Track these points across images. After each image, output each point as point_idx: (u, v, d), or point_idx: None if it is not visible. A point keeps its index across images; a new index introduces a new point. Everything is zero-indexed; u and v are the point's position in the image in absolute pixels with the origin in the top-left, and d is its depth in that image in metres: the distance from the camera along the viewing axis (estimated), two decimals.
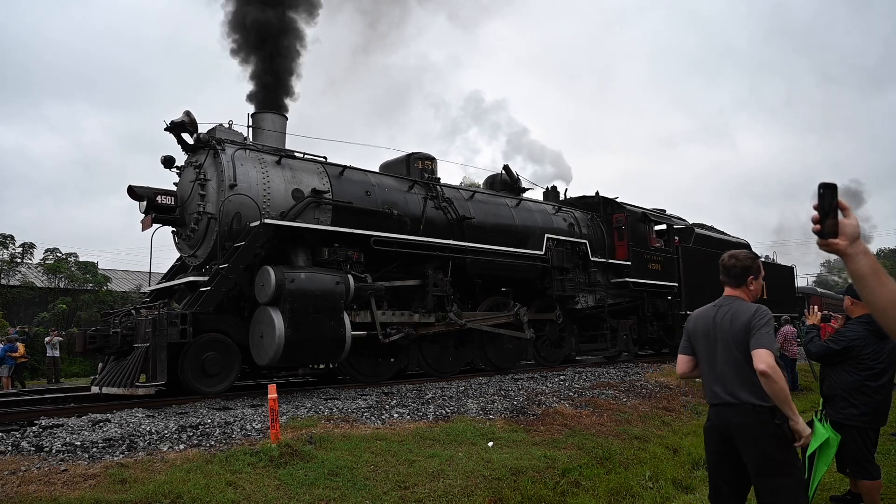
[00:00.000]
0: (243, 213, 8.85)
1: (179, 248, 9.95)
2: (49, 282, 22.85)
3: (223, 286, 8.12)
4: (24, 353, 15.19)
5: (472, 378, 10.76)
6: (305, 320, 8.17)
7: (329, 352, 8.73)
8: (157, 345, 7.46)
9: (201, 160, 9.21)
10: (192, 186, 9.10)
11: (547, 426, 7.57)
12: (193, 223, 9.14)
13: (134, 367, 7.68)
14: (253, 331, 8.33)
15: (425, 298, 10.38)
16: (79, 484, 4.37)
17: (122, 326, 8.28)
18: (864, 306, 4.19)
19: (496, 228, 11.93)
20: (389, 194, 10.55)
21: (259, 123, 10.04)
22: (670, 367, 13.72)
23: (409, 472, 5.39)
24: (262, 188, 9.15)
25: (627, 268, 14.41)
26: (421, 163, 11.57)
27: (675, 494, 5.90)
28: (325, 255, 9.09)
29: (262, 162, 9.38)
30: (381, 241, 9.72)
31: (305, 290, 8.27)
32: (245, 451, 5.30)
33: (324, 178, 9.89)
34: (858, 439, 4.02)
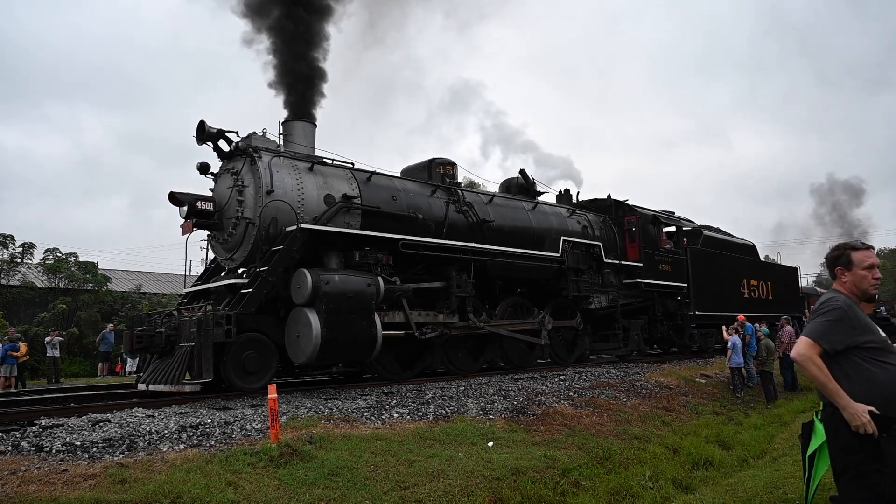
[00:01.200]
0: (279, 218, 9.19)
1: (215, 252, 10.27)
2: (49, 282, 22.84)
3: (263, 288, 8.45)
4: (26, 352, 15.20)
5: (472, 378, 10.76)
6: (340, 320, 8.49)
7: (362, 351, 9.04)
8: (202, 344, 7.81)
9: (238, 167, 9.53)
10: (231, 192, 9.45)
11: (547, 426, 7.57)
12: (231, 227, 9.46)
13: (179, 365, 8.01)
14: (289, 330, 8.62)
15: (449, 299, 10.75)
16: (79, 484, 4.37)
17: (165, 326, 8.64)
18: (866, 307, 4.19)
19: (514, 231, 12.29)
20: (414, 199, 10.92)
21: (290, 131, 10.37)
22: (670, 367, 13.73)
23: (409, 472, 5.39)
24: (297, 194, 9.50)
25: (639, 269, 14.73)
26: (442, 168, 11.93)
27: (675, 494, 5.90)
28: (357, 258, 9.43)
29: (296, 168, 9.73)
30: (409, 245, 10.07)
31: (340, 291, 8.59)
32: (245, 451, 5.30)
33: (353, 184, 10.24)
34: None
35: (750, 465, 7.16)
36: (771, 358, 12.35)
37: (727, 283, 17.97)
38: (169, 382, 8.04)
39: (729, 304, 17.32)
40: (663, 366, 13.88)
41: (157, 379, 8.33)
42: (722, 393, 11.75)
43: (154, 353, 8.84)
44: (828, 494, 4.61)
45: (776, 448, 7.98)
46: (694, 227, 18.15)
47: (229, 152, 9.74)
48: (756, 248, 21.79)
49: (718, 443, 8.15)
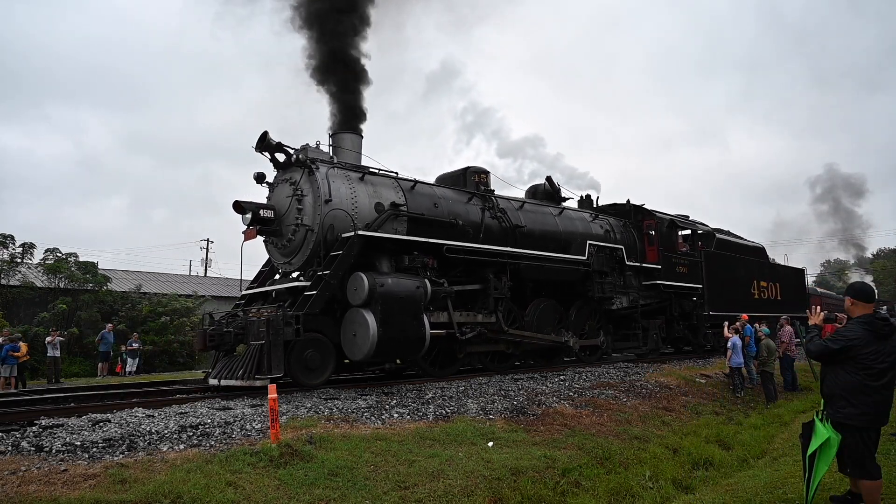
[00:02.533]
0: (336, 226, 9.79)
1: (272, 256, 10.80)
2: (49, 282, 22.79)
3: (326, 290, 9.00)
4: (26, 352, 15.18)
5: (472, 378, 10.77)
6: (393, 320, 9.01)
7: (412, 348, 9.58)
8: (273, 342, 8.31)
9: (296, 177, 10.06)
10: (290, 201, 9.99)
11: (547, 426, 7.57)
12: (290, 234, 10.01)
13: (250, 362, 8.52)
14: (345, 330, 9.11)
15: (487, 300, 11.34)
16: (79, 484, 4.37)
17: (232, 326, 9.24)
18: (865, 307, 4.18)
19: (544, 235, 12.97)
20: (453, 206, 11.58)
21: (339, 142, 11.07)
22: (670, 367, 13.73)
23: (409, 472, 5.39)
24: (351, 202, 10.10)
25: (658, 271, 15.45)
26: (477, 176, 12.58)
27: (675, 494, 5.90)
28: (406, 262, 10.09)
29: (349, 178, 10.35)
30: (452, 249, 10.70)
31: (393, 293, 9.14)
32: (245, 451, 5.30)
33: (399, 192, 10.87)
34: (859, 439, 4.02)
35: (750, 465, 7.15)
36: (771, 358, 12.34)
37: (739, 284, 18.63)
38: (240, 378, 8.56)
39: (740, 305, 17.77)
40: (663, 366, 13.87)
41: (229, 375, 8.87)
42: (722, 393, 11.74)
43: (223, 350, 9.38)
44: (828, 494, 4.61)
45: (776, 448, 7.98)
46: (707, 230, 18.71)
47: (285, 163, 10.30)
48: (765, 250, 22.49)
49: (718, 443, 8.14)
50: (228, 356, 9.27)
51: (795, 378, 13.21)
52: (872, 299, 4.25)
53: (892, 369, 4.02)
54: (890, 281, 59.95)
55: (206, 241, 43.86)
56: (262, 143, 9.93)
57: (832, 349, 4.11)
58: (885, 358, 3.99)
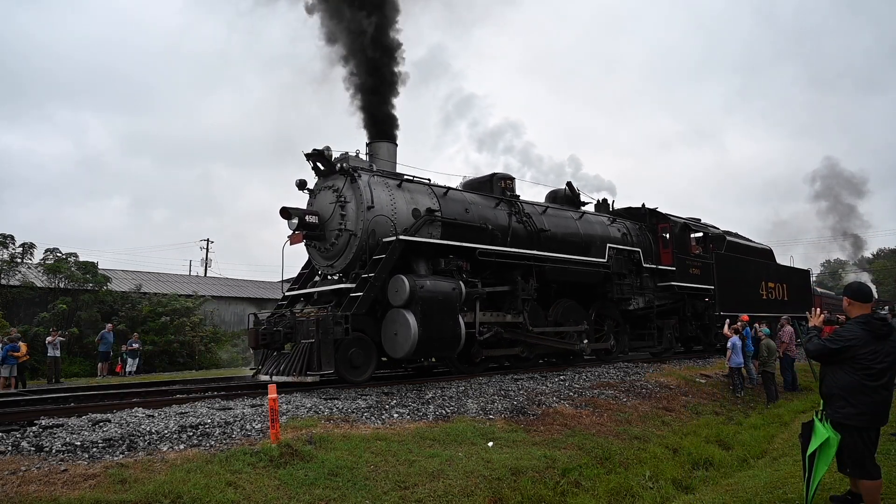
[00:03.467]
0: (377, 231, 10.28)
1: (314, 260, 11.24)
2: (49, 282, 22.79)
3: (371, 292, 9.44)
4: (26, 352, 15.19)
5: (472, 378, 10.78)
6: (432, 320, 9.49)
7: (449, 346, 10.08)
8: (323, 340, 8.84)
9: (339, 185, 10.50)
10: (334, 208, 10.43)
11: (547, 426, 7.57)
12: (334, 238, 10.43)
13: (301, 359, 9.02)
14: (386, 329, 9.54)
15: (515, 301, 11.84)
16: (79, 484, 4.37)
17: (281, 325, 9.71)
18: (862, 307, 4.18)
19: (565, 239, 13.43)
20: (482, 211, 12.03)
21: (375, 151, 11.55)
22: (670, 367, 13.73)
23: (409, 472, 5.39)
24: (391, 209, 10.60)
25: (672, 273, 16.01)
26: (503, 182, 13.04)
27: (675, 494, 5.89)
28: (442, 265, 10.58)
29: (388, 185, 10.84)
30: (484, 253, 11.24)
31: (432, 294, 9.64)
32: (245, 451, 5.30)
33: (433, 198, 11.35)
34: (858, 439, 4.02)
35: (750, 465, 7.15)
36: (772, 358, 12.34)
37: (748, 285, 19.20)
38: (292, 374, 9.06)
39: (750, 305, 18.31)
40: (663, 366, 13.88)
41: (280, 371, 9.36)
42: (722, 393, 11.74)
43: (274, 348, 9.89)
44: (828, 494, 4.61)
45: (776, 448, 7.98)
46: (718, 232, 19.20)
47: (327, 170, 10.78)
48: (773, 252, 23.08)
49: (718, 443, 8.14)
50: (277, 354, 9.83)
51: (795, 378, 13.20)
52: (869, 299, 4.24)
53: (891, 369, 4.02)
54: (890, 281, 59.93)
55: (206, 241, 43.91)
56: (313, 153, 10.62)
57: (830, 349, 4.11)
58: (884, 358, 3.99)
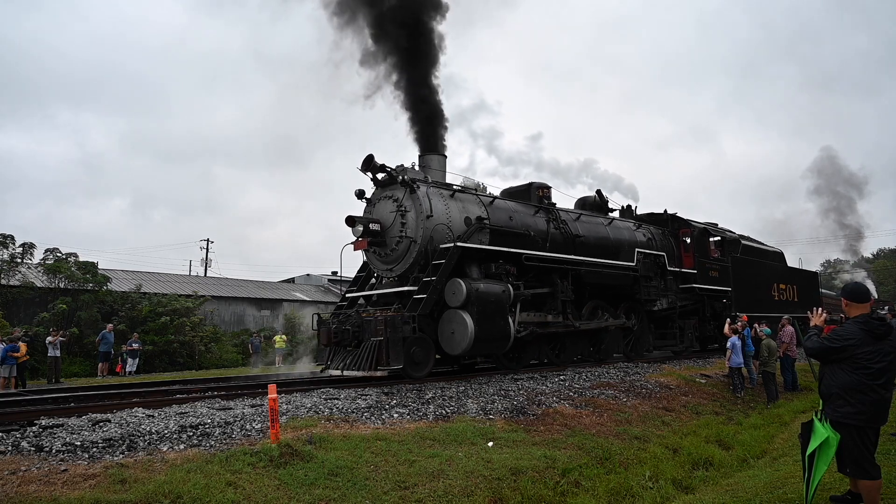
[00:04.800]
0: (435, 238, 11.06)
1: (373, 264, 11.95)
2: (49, 282, 22.78)
3: (434, 294, 10.15)
4: (25, 352, 15.18)
5: (472, 378, 10.78)
6: (486, 320, 10.26)
7: (500, 344, 10.88)
8: (391, 338, 9.62)
9: (398, 195, 11.26)
10: (394, 216, 11.20)
11: (547, 426, 7.57)
12: (394, 244, 11.19)
13: (370, 355, 9.72)
14: (443, 328, 10.30)
15: (555, 302, 12.66)
16: (79, 484, 4.37)
17: (349, 325, 10.47)
18: (859, 307, 4.19)
19: (597, 244, 14.28)
20: (524, 218, 12.86)
21: (427, 163, 12.34)
22: (670, 367, 13.74)
23: (409, 472, 5.39)
24: (447, 217, 11.39)
25: (693, 275, 16.96)
26: (541, 190, 13.92)
27: (675, 494, 5.89)
28: (493, 269, 11.31)
29: (443, 195, 11.64)
30: (530, 258, 12.06)
31: (486, 296, 10.44)
32: (245, 451, 5.29)
33: (482, 207, 12.15)
34: (857, 438, 4.02)
35: (750, 465, 7.15)
36: (772, 358, 12.34)
37: (762, 287, 20.03)
38: (362, 369, 9.77)
39: (763, 306, 19.15)
40: (663, 366, 13.88)
41: (350, 366, 10.06)
42: (722, 393, 11.74)
43: (344, 345, 10.56)
44: (828, 494, 4.61)
45: (776, 448, 7.98)
46: (734, 237, 20.16)
47: (385, 181, 11.55)
48: (784, 255, 24.14)
49: (718, 443, 8.14)
50: (345, 350, 10.56)
51: (796, 378, 13.20)
52: (867, 299, 4.25)
53: (889, 369, 4.03)
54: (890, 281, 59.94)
55: (206, 241, 43.92)
56: (367, 164, 11.31)
57: (827, 348, 4.14)
58: (883, 357, 4.00)
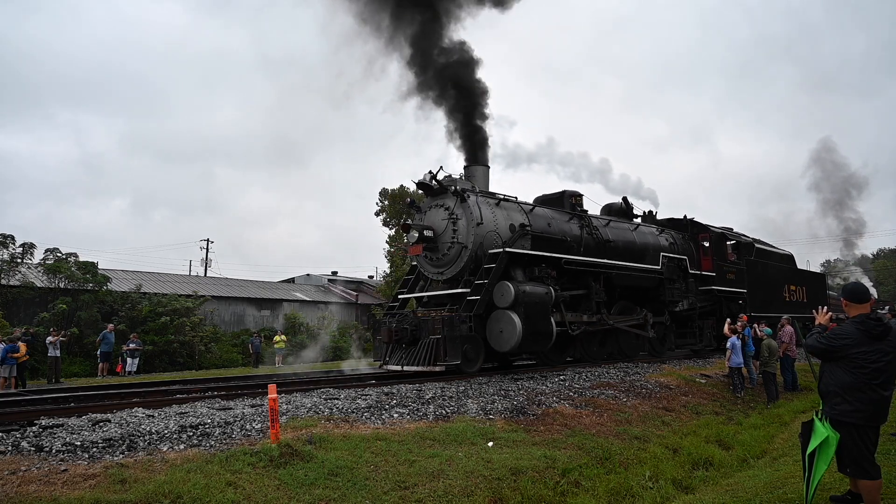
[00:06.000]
0: (484, 243, 11.89)
1: (423, 267, 12.82)
2: (49, 282, 22.79)
3: (486, 296, 10.96)
4: (25, 352, 15.18)
5: (472, 378, 10.78)
6: (532, 320, 11.02)
7: (544, 342, 11.62)
8: (450, 336, 10.57)
9: (449, 204, 12.16)
10: (446, 223, 12.10)
11: (547, 426, 7.57)
12: (446, 250, 12.10)
13: (429, 352, 10.76)
14: (491, 327, 11.03)
15: (590, 302, 13.58)
16: (79, 484, 4.37)
17: (407, 324, 11.33)
18: (858, 307, 4.20)
19: (626, 248, 15.13)
20: (561, 225, 13.72)
21: (472, 173, 13.28)
22: (670, 367, 13.73)
23: (409, 472, 5.39)
24: (494, 224, 12.22)
25: (712, 278, 17.84)
26: (573, 198, 14.79)
27: (675, 494, 5.89)
28: (536, 273, 12.16)
29: (489, 204, 12.47)
30: (569, 262, 12.99)
31: (532, 297, 11.20)
32: (245, 451, 5.29)
33: (523, 215, 12.95)
34: (857, 437, 4.02)
35: (750, 465, 7.15)
36: (773, 358, 12.33)
37: (774, 288, 21.24)
38: (421, 364, 10.80)
39: (775, 306, 20.26)
40: (663, 366, 13.89)
41: (410, 362, 11.03)
42: (722, 393, 11.74)
43: (402, 343, 11.37)
44: (828, 494, 4.61)
45: (776, 448, 7.98)
46: (748, 240, 20.99)
47: (437, 190, 12.35)
48: (794, 258, 25.07)
49: (718, 443, 8.14)
50: (402, 348, 11.39)
51: (796, 378, 13.20)
52: (865, 299, 4.26)
53: (888, 369, 4.03)
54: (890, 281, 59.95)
55: (206, 241, 43.92)
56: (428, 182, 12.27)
57: (824, 347, 4.18)
58: (881, 357, 4.00)
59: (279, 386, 9.39)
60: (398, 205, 44.16)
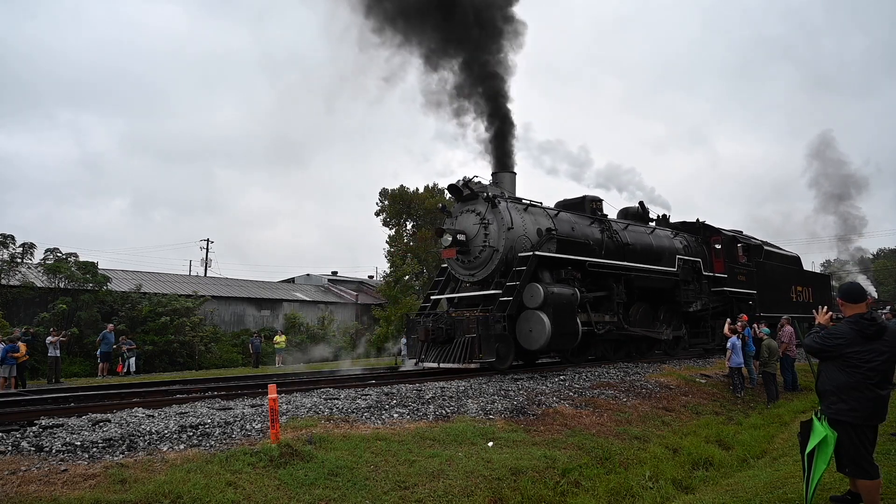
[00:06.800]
0: (514, 247, 12.36)
1: (454, 270, 13.30)
2: (49, 282, 22.79)
3: (518, 297, 11.46)
4: (25, 352, 15.18)
5: (472, 378, 10.78)
6: (559, 320, 11.52)
7: (570, 341, 12.18)
8: (484, 335, 11.12)
9: (480, 209, 12.66)
10: (478, 228, 12.56)
11: (547, 426, 7.57)
12: (477, 253, 12.56)
13: (464, 350, 11.30)
14: (521, 327, 11.54)
15: (611, 304, 14.05)
16: (79, 484, 4.37)
17: (443, 323, 11.87)
18: (854, 307, 4.21)
19: (643, 251, 15.63)
20: (583, 229, 14.24)
21: (500, 179, 13.72)
22: (670, 367, 13.73)
23: (409, 472, 5.39)
24: (523, 229, 12.68)
25: (724, 279, 18.39)
26: (594, 203, 15.38)
27: (675, 494, 5.89)
28: (563, 275, 12.76)
29: (518, 209, 12.95)
30: (593, 265, 13.54)
31: (559, 298, 11.73)
32: (245, 451, 5.29)
33: (549, 220, 13.44)
34: (854, 437, 4.02)
35: (750, 465, 7.15)
36: (773, 359, 12.33)
37: (781, 289, 21.90)
38: (457, 361, 11.34)
39: (783, 306, 20.82)
40: (663, 366, 13.89)
41: (446, 359, 11.58)
42: (722, 393, 11.74)
43: (439, 342, 11.85)
44: (828, 494, 4.61)
45: (776, 448, 7.98)
46: (757, 243, 21.51)
47: (467, 196, 12.89)
48: (800, 259, 25.72)
49: (718, 443, 8.14)
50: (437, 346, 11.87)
51: (795, 378, 13.19)
52: (861, 299, 4.27)
53: (883, 368, 4.03)
54: (890, 281, 59.96)
55: (206, 241, 43.94)
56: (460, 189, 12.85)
57: (820, 346, 4.19)
58: (876, 357, 4.00)
59: (279, 386, 9.39)
60: (398, 205, 44.30)
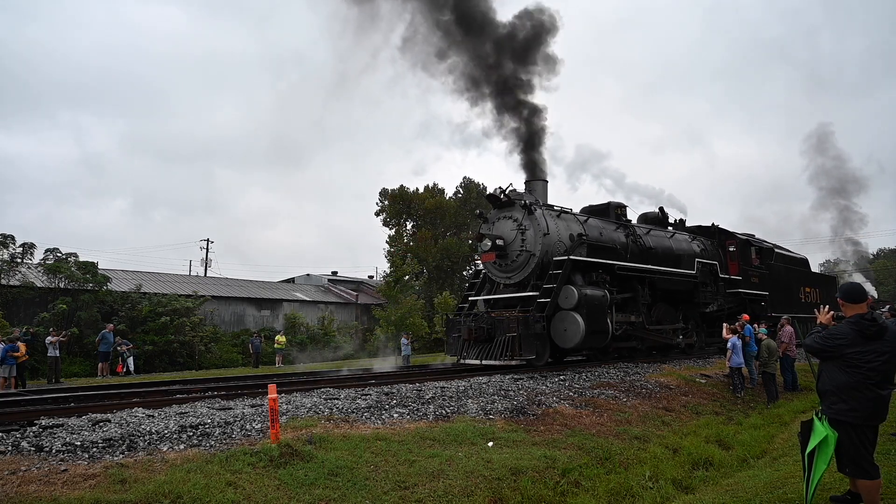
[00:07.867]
0: (549, 251, 13.19)
1: (490, 272, 14.12)
2: (49, 282, 22.79)
3: (555, 299, 12.25)
4: (25, 352, 15.18)
5: (472, 378, 10.78)
6: (592, 320, 12.28)
7: (602, 339, 12.84)
8: (525, 334, 11.96)
9: (517, 215, 13.52)
10: (515, 233, 13.43)
11: (547, 426, 7.57)
12: (514, 256, 13.40)
13: (505, 348, 12.08)
14: (556, 326, 12.30)
15: (636, 305, 14.78)
16: (79, 484, 4.37)
17: (484, 323, 12.64)
18: (854, 307, 4.21)
19: (664, 254, 16.39)
20: (609, 234, 14.94)
21: (532, 187, 14.58)
22: (670, 367, 13.73)
23: (409, 472, 5.39)
24: (557, 234, 13.52)
25: (739, 281, 19.22)
26: (619, 209, 16.06)
27: (675, 494, 5.89)
28: (594, 277, 13.48)
29: (552, 216, 13.76)
30: (622, 268, 14.27)
31: (592, 299, 12.51)
32: (245, 451, 5.29)
33: (580, 225, 14.27)
34: (854, 437, 4.02)
35: (750, 465, 7.14)
36: (773, 359, 12.32)
37: (791, 291, 22.74)
38: (499, 359, 12.10)
39: (792, 307, 21.61)
40: (663, 366, 13.89)
41: (487, 356, 12.34)
42: (722, 393, 11.74)
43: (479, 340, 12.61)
44: (828, 494, 4.61)
45: (776, 448, 7.98)
46: (769, 246, 22.32)
47: (503, 203, 13.68)
48: (808, 261, 26.56)
49: (718, 443, 8.13)
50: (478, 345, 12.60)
51: (796, 378, 13.19)
52: (862, 299, 4.26)
53: (884, 368, 4.03)
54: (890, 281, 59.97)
55: (206, 241, 43.94)
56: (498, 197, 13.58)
57: (820, 346, 4.19)
58: (877, 357, 4.00)
59: (279, 386, 9.40)
60: (398, 205, 44.37)
